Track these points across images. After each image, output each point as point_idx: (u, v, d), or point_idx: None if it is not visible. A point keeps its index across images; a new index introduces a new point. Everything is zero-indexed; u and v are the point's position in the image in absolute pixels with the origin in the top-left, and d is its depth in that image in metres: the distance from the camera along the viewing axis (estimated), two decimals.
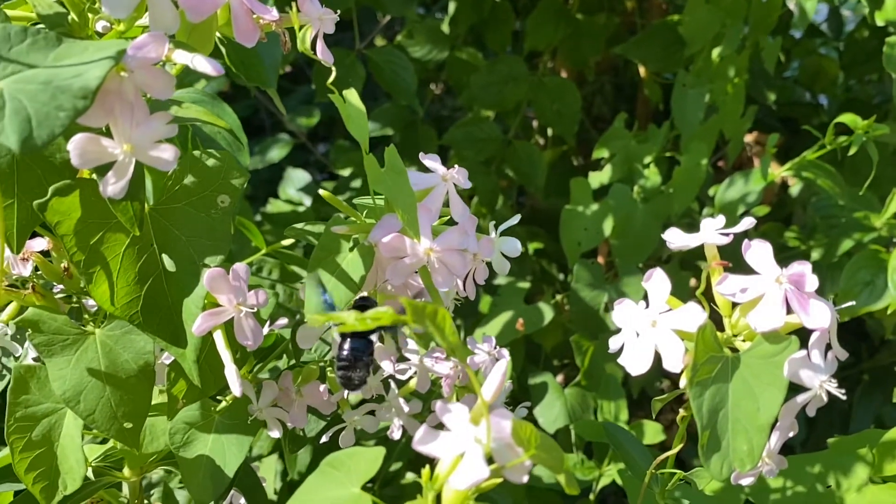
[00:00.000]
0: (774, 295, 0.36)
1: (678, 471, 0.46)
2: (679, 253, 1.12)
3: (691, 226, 1.13)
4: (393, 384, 0.57)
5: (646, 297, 0.40)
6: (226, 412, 0.51)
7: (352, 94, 0.38)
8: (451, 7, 1.31)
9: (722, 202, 0.94)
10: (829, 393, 0.36)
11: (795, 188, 1.26)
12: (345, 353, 0.41)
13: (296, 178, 1.45)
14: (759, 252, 0.38)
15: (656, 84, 1.23)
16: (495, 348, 0.59)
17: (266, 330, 0.58)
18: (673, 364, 0.35)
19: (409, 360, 0.56)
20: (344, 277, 0.41)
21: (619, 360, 0.39)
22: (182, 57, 0.34)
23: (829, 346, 0.37)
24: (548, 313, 0.97)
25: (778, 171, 0.95)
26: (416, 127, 1.31)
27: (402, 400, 0.57)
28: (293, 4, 0.37)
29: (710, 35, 1.02)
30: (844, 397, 0.37)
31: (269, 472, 0.94)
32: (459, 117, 1.55)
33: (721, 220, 0.41)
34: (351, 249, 0.41)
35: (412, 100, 1.16)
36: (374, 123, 1.41)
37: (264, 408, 0.50)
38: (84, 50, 0.32)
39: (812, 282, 0.36)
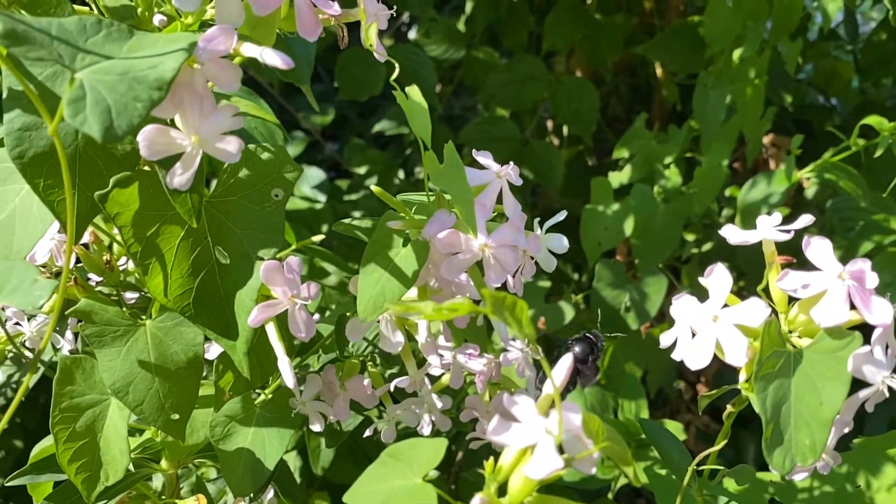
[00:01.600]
0: (838, 290, 0.36)
1: (721, 467, 0.47)
2: (698, 253, 1.12)
3: (709, 227, 1.14)
4: (426, 380, 0.57)
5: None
6: (267, 405, 0.52)
7: (414, 92, 0.38)
8: (469, 6, 1.31)
9: (745, 203, 0.94)
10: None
11: (811, 190, 1.26)
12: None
13: (310, 176, 1.45)
14: (819, 248, 0.38)
15: (674, 84, 1.23)
16: (528, 345, 0.59)
17: None
18: (736, 359, 0.36)
19: (442, 356, 0.56)
20: (397, 272, 0.41)
21: (674, 355, 0.39)
22: (251, 50, 0.34)
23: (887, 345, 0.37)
24: (569, 312, 0.97)
25: (800, 173, 0.95)
26: (432, 125, 1.31)
27: (434, 396, 0.58)
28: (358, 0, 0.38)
29: (732, 36, 1.02)
30: None
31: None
32: (471, 116, 1.55)
33: (778, 216, 0.42)
34: (404, 245, 0.41)
35: (432, 98, 1.16)
36: (390, 122, 1.42)
37: (308, 401, 0.50)
38: (156, 42, 0.32)
39: (872, 278, 0.36)
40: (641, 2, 1.30)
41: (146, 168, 0.40)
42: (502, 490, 0.33)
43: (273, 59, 0.33)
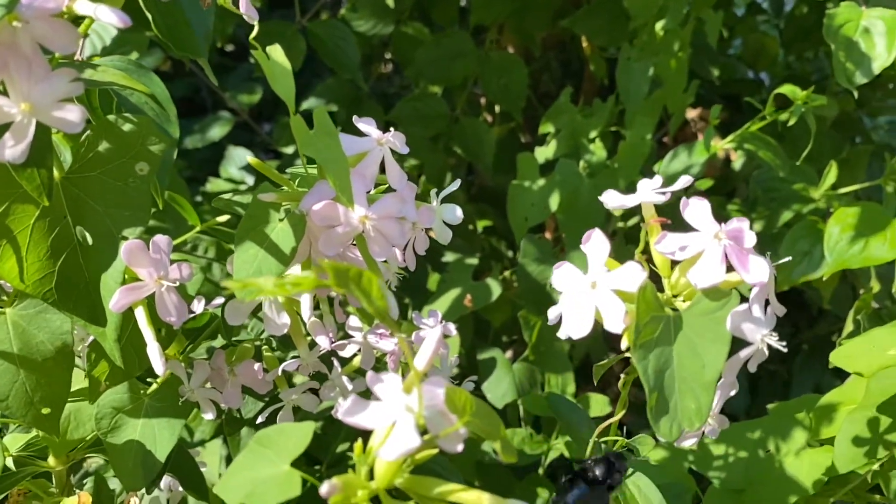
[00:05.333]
0: (714, 251, 0.35)
1: (620, 438, 0.46)
2: (624, 227, 1.12)
3: None
4: (336, 363, 0.55)
5: None
6: (156, 395, 0.49)
7: (276, 51, 0.36)
8: None
9: (666, 174, 0.94)
10: (770, 358, 0.36)
11: (738, 163, 1.28)
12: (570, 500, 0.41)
13: (237, 157, 1.40)
14: (697, 209, 0.37)
15: (601, 59, 1.22)
16: (441, 323, 0.57)
17: (200, 308, 0.55)
18: (614, 325, 0.35)
19: (352, 336, 0.54)
20: (273, 249, 0.39)
21: (559, 333, 0.38)
22: (84, 7, 0.31)
23: (767, 303, 0.37)
24: (495, 289, 0.96)
25: (721, 144, 0.96)
26: (361, 103, 1.28)
27: (345, 378, 0.56)
28: None
29: (654, 8, 1.02)
30: (786, 349, 0.37)
31: (214, 457, 0.92)
32: (407, 94, 1.52)
33: (658, 179, 0.41)
34: (282, 220, 0.39)
35: (355, 74, 1.13)
36: (318, 99, 1.38)
37: (196, 388, 0.47)
38: None
39: (750, 238, 0.36)
40: None
41: None
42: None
43: (108, 16, 0.30)
